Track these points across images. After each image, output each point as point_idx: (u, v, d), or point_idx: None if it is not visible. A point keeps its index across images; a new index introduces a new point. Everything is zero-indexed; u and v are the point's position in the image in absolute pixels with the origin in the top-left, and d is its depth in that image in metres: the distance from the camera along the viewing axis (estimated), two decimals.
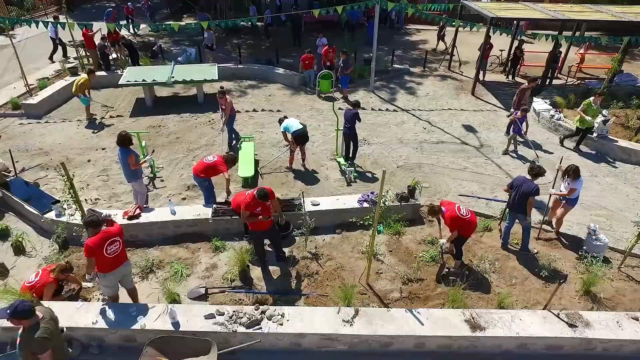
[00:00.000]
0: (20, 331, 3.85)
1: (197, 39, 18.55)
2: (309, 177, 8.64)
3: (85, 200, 7.56)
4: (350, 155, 8.89)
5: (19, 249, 6.50)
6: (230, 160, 7.15)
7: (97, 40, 13.69)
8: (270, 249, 6.48)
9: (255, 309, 5.18)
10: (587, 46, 14.57)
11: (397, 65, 15.45)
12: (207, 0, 23.22)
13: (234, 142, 9.62)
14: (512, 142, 9.69)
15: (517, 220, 6.53)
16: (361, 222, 6.55)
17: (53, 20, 13.83)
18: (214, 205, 7.03)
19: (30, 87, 12.06)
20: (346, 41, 16.01)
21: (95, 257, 4.80)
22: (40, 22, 10.11)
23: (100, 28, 13.59)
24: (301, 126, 8.36)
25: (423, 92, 13.40)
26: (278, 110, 11.72)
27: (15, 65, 14.51)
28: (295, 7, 20.83)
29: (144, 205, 7.18)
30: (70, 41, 14.98)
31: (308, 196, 7.68)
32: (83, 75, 10.70)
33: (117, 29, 12.42)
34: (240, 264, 6.09)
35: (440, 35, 17.81)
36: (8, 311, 3.73)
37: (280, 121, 8.68)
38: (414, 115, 11.64)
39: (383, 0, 11.37)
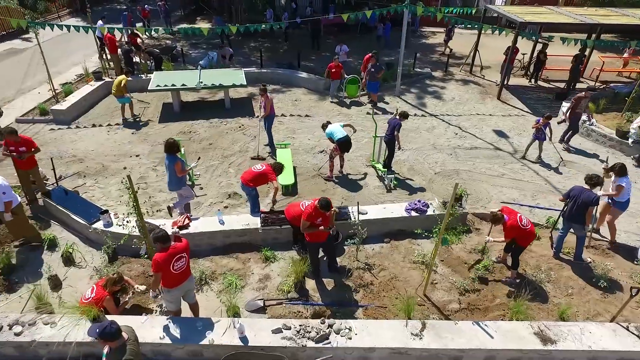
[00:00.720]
0: (105, 351, 3.79)
1: (214, 42, 18.51)
2: (348, 184, 8.58)
3: (149, 213, 7.53)
4: (386, 162, 8.82)
5: (69, 260, 6.43)
6: (278, 168, 7.09)
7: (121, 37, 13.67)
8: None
9: (322, 323, 5.13)
10: (631, 51, 14.55)
11: (418, 69, 15.40)
12: (220, 3, 23.21)
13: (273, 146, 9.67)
14: (537, 147, 9.66)
15: (571, 230, 6.49)
16: (426, 234, 6.60)
17: (101, 24, 14.38)
18: (262, 215, 6.98)
19: (55, 92, 11.97)
20: (371, 44, 15.97)
21: (162, 273, 4.75)
22: (71, 26, 9.98)
23: (122, 33, 13.53)
24: (345, 133, 8.31)
25: (448, 96, 13.37)
26: (307, 116, 11.68)
27: (36, 70, 14.55)
28: (310, 8, 20.76)
29: (189, 215, 7.12)
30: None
31: (351, 204, 7.65)
32: (122, 76, 10.84)
33: (135, 33, 12.36)
34: (296, 275, 6.03)
35: (447, 39, 17.75)
36: (97, 330, 3.68)
37: (324, 126, 8.64)
38: (444, 121, 11.61)
39: (411, 6, 11.32)
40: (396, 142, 8.39)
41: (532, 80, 14.72)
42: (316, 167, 9.10)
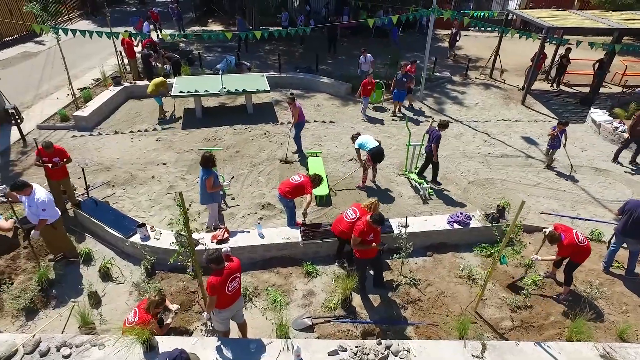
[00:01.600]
0: None
1: (227, 45, 18.32)
2: (382, 195, 8.38)
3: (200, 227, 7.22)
4: (432, 177, 8.60)
5: (106, 275, 6.25)
6: (317, 180, 6.90)
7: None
8: None
9: (378, 344, 4.94)
10: None
11: (437, 74, 15.21)
12: (231, 5, 23.03)
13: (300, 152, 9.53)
14: (551, 156, 9.49)
15: (623, 245, 6.32)
16: (494, 247, 6.41)
17: (147, 25, 15.76)
18: (302, 228, 6.79)
19: (75, 97, 11.76)
20: (385, 48, 15.76)
21: (217, 295, 4.58)
22: (94, 32, 9.81)
23: (140, 37, 13.32)
24: (377, 143, 8.12)
25: (471, 101, 13.18)
26: (331, 122, 11.50)
27: (51, 74, 14.39)
28: (325, 9, 20.60)
29: (221, 226, 6.93)
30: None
31: (389, 215, 7.46)
32: (161, 77, 11.20)
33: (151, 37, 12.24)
34: (344, 291, 5.85)
35: (453, 42, 17.48)
36: (167, 359, 3.52)
37: (354, 138, 8.44)
38: (470, 127, 11.42)
39: (438, 10, 11.14)
40: (433, 154, 8.18)
41: (554, 85, 14.54)
42: (347, 176, 8.90)
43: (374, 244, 5.47)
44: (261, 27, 19.64)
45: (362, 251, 5.63)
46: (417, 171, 8.80)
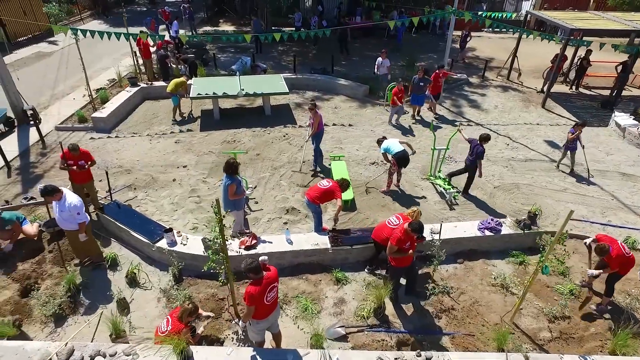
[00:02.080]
0: None
1: (240, 46, 18.25)
2: (407, 200, 8.24)
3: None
4: (464, 187, 8.39)
5: (133, 281, 6.14)
6: (345, 185, 6.78)
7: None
8: None
9: (417, 355, 4.82)
10: None
11: (454, 75, 15.02)
12: (242, 5, 22.98)
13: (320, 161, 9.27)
14: (570, 159, 9.25)
15: None
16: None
17: (176, 24, 16.16)
18: (331, 234, 6.67)
19: (92, 98, 11.69)
20: (397, 49, 15.58)
21: (255, 305, 4.46)
22: (111, 34, 9.73)
23: (157, 37, 13.23)
24: (402, 147, 7.99)
25: (490, 104, 13.01)
26: (350, 125, 11.35)
27: (66, 74, 14.36)
28: (337, 9, 20.50)
29: (246, 231, 6.82)
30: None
31: None
32: (182, 78, 11.28)
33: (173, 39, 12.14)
34: (377, 299, 5.72)
35: (462, 44, 17.26)
36: None
37: (379, 142, 8.30)
38: (492, 130, 11.24)
39: (459, 11, 10.98)
40: (478, 170, 7.94)
41: (573, 88, 14.34)
42: (371, 180, 8.77)
43: (410, 251, 5.35)
44: (273, 28, 19.57)
45: (398, 259, 5.50)
46: (442, 175, 8.63)
